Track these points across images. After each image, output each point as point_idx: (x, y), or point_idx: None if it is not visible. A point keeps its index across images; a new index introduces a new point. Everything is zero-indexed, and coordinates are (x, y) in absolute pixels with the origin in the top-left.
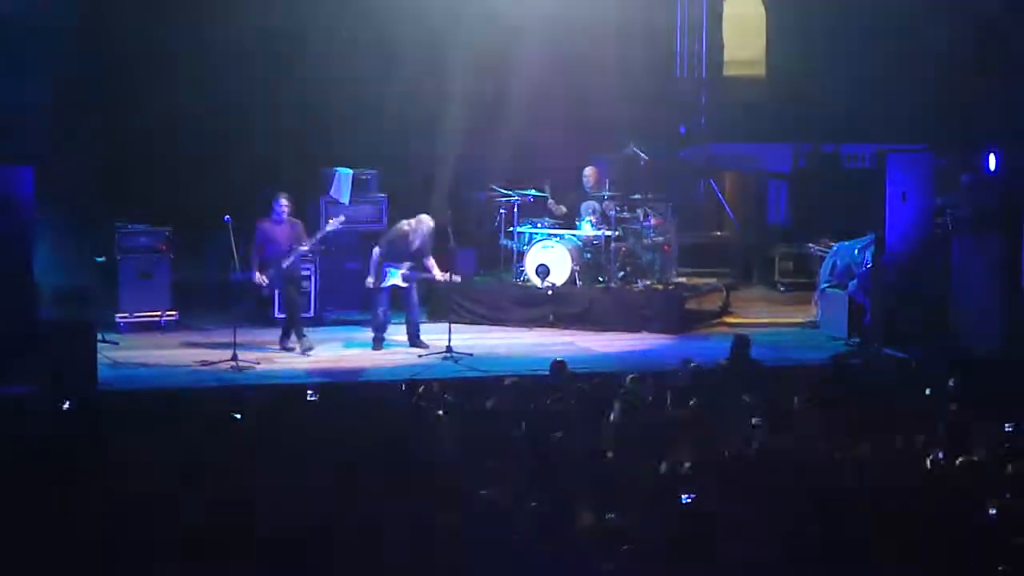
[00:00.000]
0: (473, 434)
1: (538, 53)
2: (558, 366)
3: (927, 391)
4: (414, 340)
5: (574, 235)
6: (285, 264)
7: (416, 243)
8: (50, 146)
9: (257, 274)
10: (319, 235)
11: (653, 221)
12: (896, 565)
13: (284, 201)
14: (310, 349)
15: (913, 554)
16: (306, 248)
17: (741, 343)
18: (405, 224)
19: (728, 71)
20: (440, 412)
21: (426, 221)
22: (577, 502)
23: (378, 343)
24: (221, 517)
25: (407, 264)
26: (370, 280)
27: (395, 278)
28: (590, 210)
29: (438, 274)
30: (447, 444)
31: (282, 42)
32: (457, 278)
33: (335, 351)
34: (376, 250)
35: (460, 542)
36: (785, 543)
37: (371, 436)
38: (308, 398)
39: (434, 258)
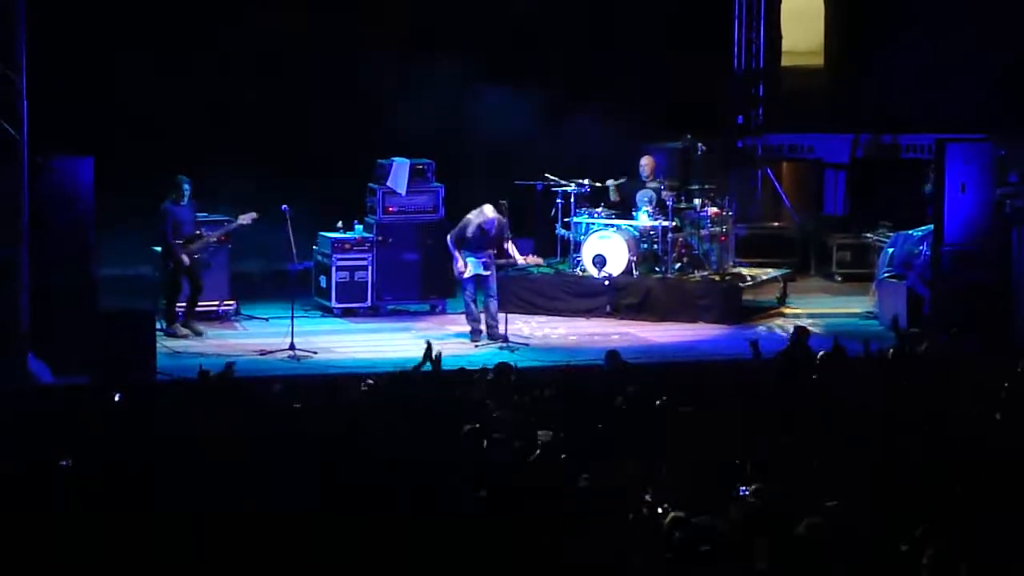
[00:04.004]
0: None
1: (594, 42)
2: (612, 355)
3: None
4: (492, 332)
5: (631, 225)
6: (195, 247)
7: (492, 232)
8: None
9: (185, 258)
10: (230, 227)
11: (710, 211)
12: None
13: (188, 186)
14: (194, 335)
15: None
16: (213, 239)
17: (801, 334)
18: (471, 215)
19: (786, 61)
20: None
21: (487, 211)
22: None
23: (477, 335)
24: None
25: (485, 253)
26: (460, 267)
27: (476, 268)
28: (647, 199)
29: (519, 258)
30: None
31: (336, 30)
32: (539, 260)
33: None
34: (448, 238)
35: None
36: None
37: None
38: (363, 387)
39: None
